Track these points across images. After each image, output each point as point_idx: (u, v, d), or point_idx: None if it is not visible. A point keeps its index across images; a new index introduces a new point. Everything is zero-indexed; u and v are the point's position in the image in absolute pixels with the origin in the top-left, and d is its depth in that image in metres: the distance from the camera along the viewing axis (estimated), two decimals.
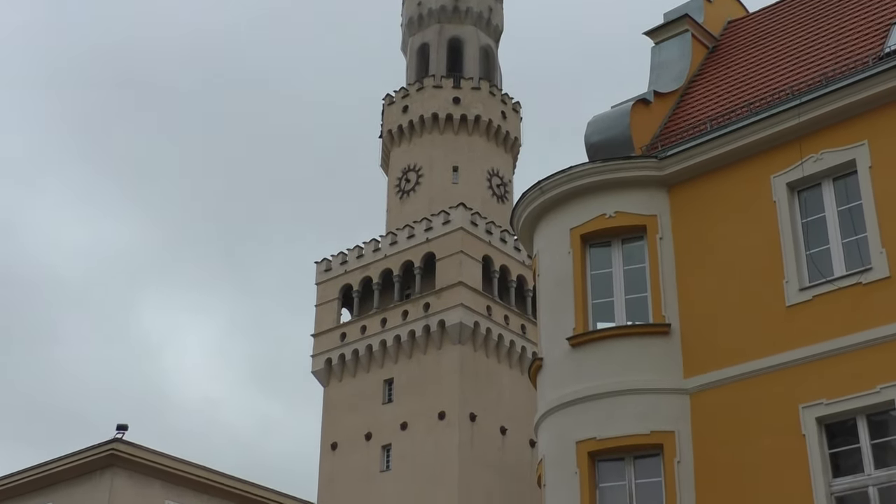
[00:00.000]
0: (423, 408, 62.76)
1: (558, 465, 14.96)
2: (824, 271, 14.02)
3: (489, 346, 64.87)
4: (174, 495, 41.29)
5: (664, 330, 14.97)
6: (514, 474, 61.96)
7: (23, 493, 42.27)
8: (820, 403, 13.46)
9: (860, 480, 13.10)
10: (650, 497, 14.26)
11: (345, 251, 70.40)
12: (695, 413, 14.46)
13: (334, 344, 67.86)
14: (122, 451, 40.06)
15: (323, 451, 65.86)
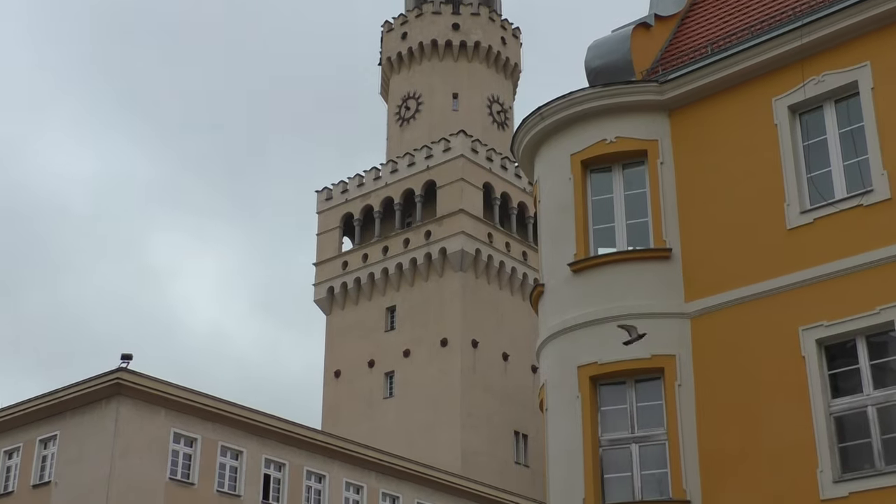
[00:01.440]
0: (425, 335, 63.14)
1: (560, 389, 15.09)
2: (825, 194, 14.02)
3: (490, 273, 65.05)
4: (180, 423, 41.72)
5: (665, 254, 15.01)
6: (515, 399, 62.52)
7: (31, 422, 42.74)
8: (820, 325, 13.55)
9: (859, 400, 13.24)
10: (651, 420, 14.41)
11: (345, 180, 70.34)
12: (695, 337, 14.56)
13: (336, 272, 68.07)
14: (127, 380, 40.41)
15: (326, 379, 66.38)
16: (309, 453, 45.84)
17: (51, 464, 41.51)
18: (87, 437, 40.67)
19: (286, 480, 44.70)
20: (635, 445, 14.32)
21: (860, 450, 13.06)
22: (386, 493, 48.65)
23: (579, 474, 14.37)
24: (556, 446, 15.02)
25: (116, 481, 39.34)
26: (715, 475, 13.77)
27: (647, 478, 14.17)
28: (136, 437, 40.42)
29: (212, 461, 42.35)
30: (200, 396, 42.67)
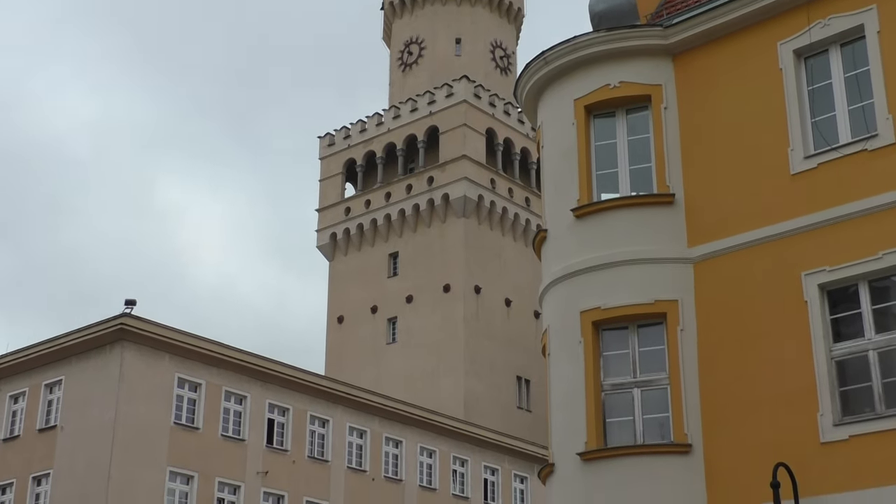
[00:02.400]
0: (428, 281, 63.25)
1: (563, 334, 15.15)
2: (829, 139, 13.97)
3: (493, 219, 65.03)
4: (184, 369, 41.97)
5: (668, 200, 14.99)
6: (518, 345, 62.77)
7: (36, 367, 43.00)
8: (822, 270, 13.57)
9: (860, 345, 13.30)
10: (653, 365, 14.48)
11: (348, 125, 70.07)
12: (698, 282, 14.58)
13: (339, 219, 68.07)
14: (131, 326, 40.59)
15: (329, 325, 66.62)
16: (312, 398, 46.14)
17: (56, 408, 41.82)
18: (92, 382, 40.94)
19: (290, 425, 45.04)
20: (637, 390, 14.40)
21: (861, 394, 13.14)
22: (389, 437, 49.02)
23: (581, 418, 14.47)
24: (559, 391, 15.11)
25: (121, 426, 39.65)
26: (716, 419, 13.86)
27: (648, 422, 14.27)
28: (141, 383, 40.68)
29: (216, 406, 42.65)
30: (204, 342, 42.88)
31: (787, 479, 12.77)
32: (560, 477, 14.71)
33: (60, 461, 40.72)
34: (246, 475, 42.81)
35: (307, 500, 44.80)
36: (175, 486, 40.71)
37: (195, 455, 41.40)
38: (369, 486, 47.38)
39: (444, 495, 50.51)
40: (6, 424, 43.33)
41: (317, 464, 45.69)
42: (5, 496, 42.20)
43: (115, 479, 38.90)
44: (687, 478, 13.78)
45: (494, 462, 53.45)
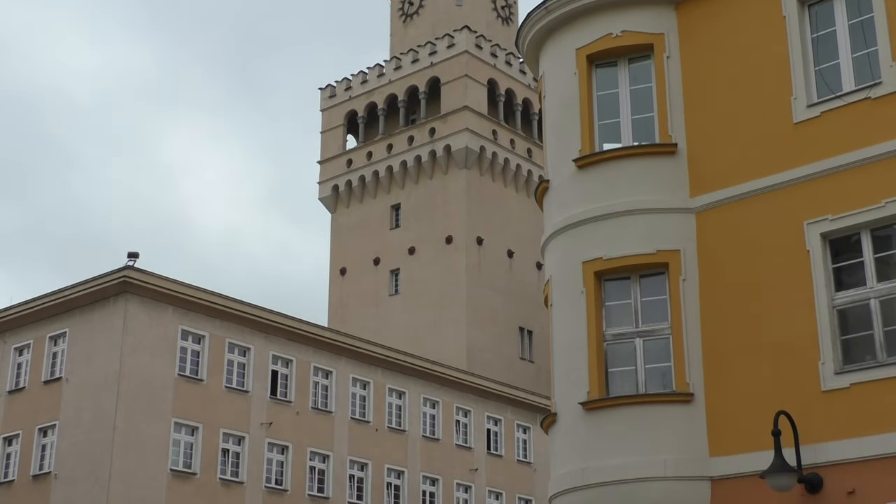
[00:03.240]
0: (430, 232, 63.27)
1: (565, 285, 15.16)
2: (833, 87, 13.89)
3: (495, 170, 64.91)
4: (188, 321, 42.11)
5: (670, 150, 14.95)
6: (520, 296, 62.89)
7: (40, 320, 43.16)
8: (825, 219, 13.55)
9: (862, 293, 13.31)
10: (655, 315, 14.50)
11: (349, 77, 69.73)
12: (700, 232, 14.57)
13: (340, 171, 67.97)
14: (134, 278, 40.68)
15: (332, 277, 66.75)
16: (316, 350, 46.33)
17: (61, 360, 42.04)
18: (96, 334, 41.12)
19: (293, 376, 45.26)
20: (639, 340, 14.44)
21: (862, 342, 13.18)
22: (392, 388, 49.27)
23: (584, 369, 14.52)
24: (561, 341, 15.15)
25: (126, 378, 39.87)
26: (718, 368, 13.92)
27: (651, 371, 14.32)
28: (145, 335, 40.85)
29: (220, 358, 42.85)
30: (207, 294, 43.00)
31: (788, 426, 12.85)
32: (562, 426, 14.79)
33: (66, 413, 40.99)
34: (250, 426, 43.11)
35: (311, 450, 45.13)
36: (180, 437, 41.01)
37: (199, 406, 41.66)
38: (373, 437, 47.70)
39: (447, 445, 50.86)
40: (11, 376, 43.57)
41: (320, 415, 45.96)
42: (12, 447, 42.54)
43: (120, 431, 39.18)
44: (689, 427, 13.86)
45: (497, 412, 53.77)
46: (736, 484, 13.38)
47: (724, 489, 13.49)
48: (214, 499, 41.35)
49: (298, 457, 44.52)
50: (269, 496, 43.30)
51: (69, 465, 40.04)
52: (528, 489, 53.82)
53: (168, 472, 40.22)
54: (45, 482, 40.80)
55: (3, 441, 42.81)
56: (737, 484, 13.37)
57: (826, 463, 12.80)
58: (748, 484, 13.16)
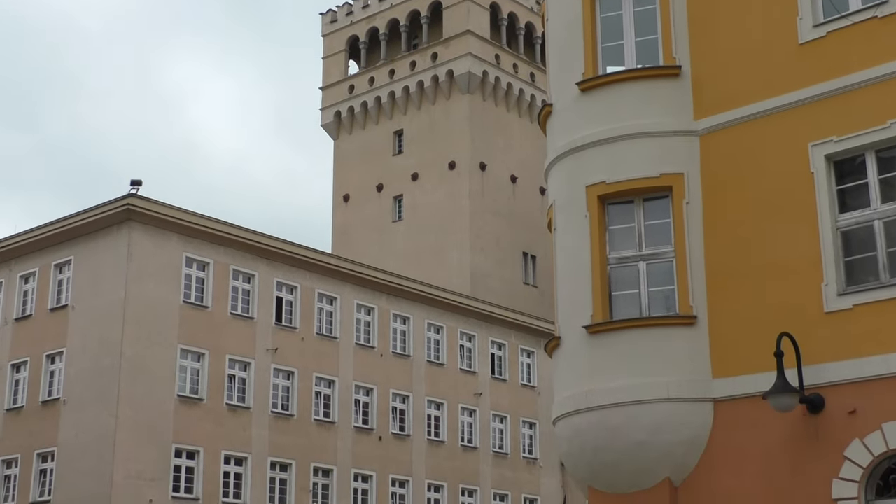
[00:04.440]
0: (433, 158, 63.10)
1: (568, 209, 15.14)
2: (839, 6, 13.74)
3: (498, 95, 64.53)
4: (192, 248, 42.21)
5: (674, 72, 14.84)
6: (524, 221, 62.91)
7: (45, 247, 43.29)
8: (829, 141, 13.49)
9: (866, 215, 13.30)
10: (659, 238, 14.50)
11: (350, 1, 69.03)
12: (704, 154, 14.51)
13: (343, 97, 67.60)
14: (138, 206, 40.72)
15: (335, 203, 66.74)
16: (320, 276, 46.48)
17: (67, 288, 42.25)
18: (101, 262, 41.26)
19: (298, 303, 45.47)
20: (643, 263, 14.45)
21: (865, 263, 13.20)
22: (396, 314, 49.51)
23: (587, 292, 14.55)
24: (565, 265, 15.18)
25: (132, 305, 40.08)
26: (721, 291, 13.96)
27: (654, 294, 14.35)
28: (149, 262, 40.98)
29: (224, 285, 43.03)
30: (211, 221, 43.05)
31: (790, 348, 12.92)
32: (566, 350, 14.88)
33: (73, 340, 41.29)
34: (256, 352, 43.42)
35: (316, 375, 45.50)
36: (186, 364, 41.34)
37: (205, 333, 41.93)
38: (377, 362, 48.05)
39: (451, 370, 51.25)
40: (18, 304, 43.83)
41: (325, 341, 46.25)
42: (20, 374, 42.92)
43: (127, 357, 39.50)
44: (692, 349, 13.94)
45: (501, 337, 54.08)
46: (738, 405, 13.50)
47: (727, 410, 13.61)
48: (221, 424, 41.79)
49: (304, 382, 44.90)
50: (276, 421, 43.75)
51: (77, 391, 40.43)
52: (532, 413, 54.34)
53: (175, 398, 40.61)
54: (53, 408, 41.23)
55: (11, 368, 43.17)
56: (739, 405, 13.49)
57: (827, 383, 12.90)
58: (750, 405, 13.27)
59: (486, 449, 52.08)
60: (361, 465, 46.50)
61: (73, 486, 39.40)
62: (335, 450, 45.57)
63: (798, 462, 12.93)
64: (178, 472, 40.33)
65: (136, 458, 39.00)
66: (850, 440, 12.62)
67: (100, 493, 38.48)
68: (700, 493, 13.57)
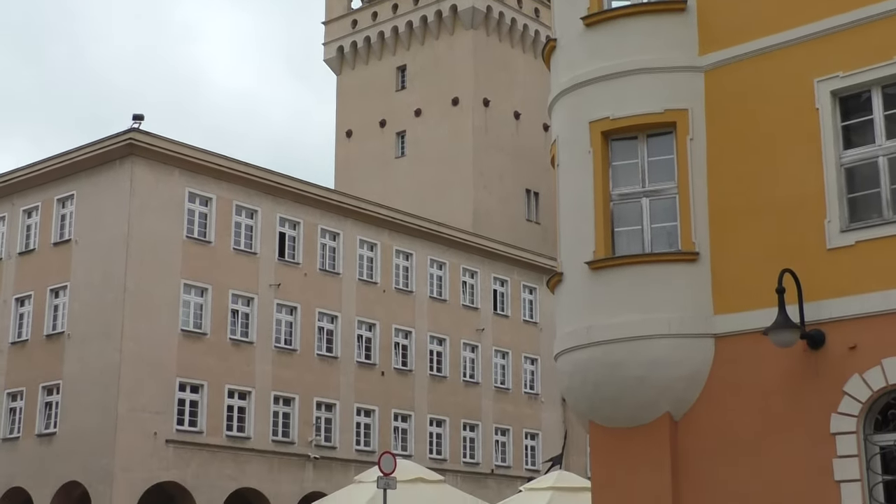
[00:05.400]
0: (436, 94, 62.80)
1: (572, 145, 15.11)
2: None
3: (502, 31, 64.06)
4: (194, 183, 42.22)
5: (680, 6, 14.70)
6: (527, 158, 62.79)
7: (47, 182, 43.29)
8: (836, 76, 13.40)
9: (870, 151, 13.25)
10: (662, 174, 14.46)
11: None
12: (709, 90, 14.43)
13: (345, 31, 67.13)
14: (140, 141, 40.65)
15: (338, 139, 66.57)
16: (323, 212, 46.54)
17: (70, 223, 42.34)
18: (104, 196, 41.30)
19: (301, 238, 45.58)
20: (646, 199, 14.43)
21: (869, 200, 13.17)
22: (399, 250, 49.62)
23: (590, 228, 14.55)
24: (567, 202, 15.16)
25: (135, 239, 40.19)
26: (724, 227, 13.96)
27: (656, 231, 14.35)
28: (152, 197, 41.02)
29: (227, 220, 43.11)
30: (214, 156, 43.01)
31: (792, 284, 12.96)
32: (568, 286, 14.92)
33: (76, 274, 41.45)
34: (259, 287, 43.60)
35: (319, 311, 45.72)
36: (190, 299, 41.53)
37: (208, 268, 42.08)
38: (380, 298, 48.26)
39: (454, 306, 51.47)
40: (21, 238, 43.95)
41: (328, 276, 46.41)
42: (24, 308, 43.15)
43: (130, 292, 39.67)
44: (694, 285, 13.97)
45: (504, 273, 54.24)
46: (739, 341, 13.57)
47: (728, 346, 13.68)
48: (225, 358, 42.09)
49: (307, 317, 45.13)
50: (279, 356, 44.06)
51: (81, 325, 40.67)
52: (534, 348, 54.67)
53: (179, 333, 40.87)
54: (58, 342, 41.51)
55: (16, 302, 43.39)
56: (740, 341, 13.56)
57: (829, 319, 12.95)
58: (751, 340, 13.34)
59: (488, 384, 52.47)
60: (364, 400, 46.88)
61: (78, 418, 39.80)
62: (338, 384, 45.93)
63: (797, 397, 13.03)
64: (182, 405, 40.72)
65: (140, 391, 39.35)
66: (849, 375, 12.70)
67: (105, 426, 38.89)
68: (700, 428, 13.69)
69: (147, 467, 39.26)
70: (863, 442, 12.62)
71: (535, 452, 54.14)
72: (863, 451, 12.58)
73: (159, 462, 39.68)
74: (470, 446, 51.37)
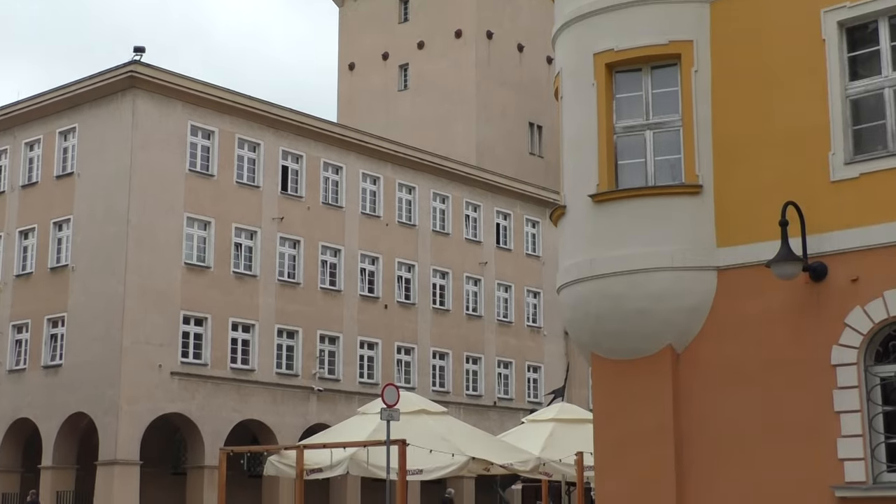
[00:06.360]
0: (439, 26, 62.27)
1: (576, 77, 15.01)
2: None
3: None
4: (197, 116, 42.07)
5: None
6: (531, 91, 62.44)
7: (49, 115, 43.14)
8: (842, 7, 13.26)
9: (877, 82, 13.15)
10: (666, 106, 14.38)
11: None
12: (714, 22, 14.29)
13: None
14: (141, 73, 40.42)
15: (341, 72, 66.15)
16: (326, 145, 46.43)
17: (72, 156, 42.28)
18: (106, 129, 41.19)
19: (303, 172, 45.53)
20: (649, 132, 14.37)
21: (874, 132, 13.10)
22: (402, 183, 49.57)
23: (593, 161, 14.51)
24: (571, 134, 15.10)
25: (137, 173, 40.16)
26: (727, 160, 13.92)
27: (660, 163, 14.30)
28: (154, 130, 40.92)
29: (230, 153, 43.03)
30: (216, 89, 42.80)
31: (795, 217, 12.96)
32: (571, 219, 14.91)
33: (80, 207, 41.50)
34: (262, 221, 43.64)
35: (322, 244, 45.80)
36: (193, 232, 41.60)
37: (211, 201, 42.10)
38: (383, 231, 48.31)
39: (457, 240, 51.54)
40: (24, 171, 43.92)
41: (331, 210, 46.43)
42: (28, 241, 43.26)
43: (133, 225, 39.73)
44: (697, 218, 13.96)
45: (506, 207, 54.25)
46: (742, 273, 13.59)
47: (730, 279, 13.71)
48: (229, 291, 42.26)
49: (310, 251, 45.22)
50: (283, 289, 44.22)
51: (85, 258, 40.79)
52: (537, 282, 54.83)
53: (182, 266, 40.98)
54: (62, 274, 41.66)
55: (19, 234, 43.48)
56: (742, 273, 13.58)
57: (831, 252, 12.96)
58: (754, 273, 13.37)
59: (491, 317, 52.71)
60: (367, 333, 47.14)
61: (83, 350, 40.07)
62: (341, 318, 46.15)
63: (799, 329, 13.08)
64: (186, 338, 40.96)
65: (144, 324, 39.56)
66: (851, 308, 12.75)
67: (110, 358, 39.16)
68: (701, 360, 13.77)
69: (152, 399, 39.60)
70: (863, 373, 12.70)
71: (538, 385, 54.53)
72: (863, 383, 12.67)
73: (164, 394, 40.02)
74: (473, 379, 51.74)
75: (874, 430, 12.60)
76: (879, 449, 12.57)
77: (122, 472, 38.67)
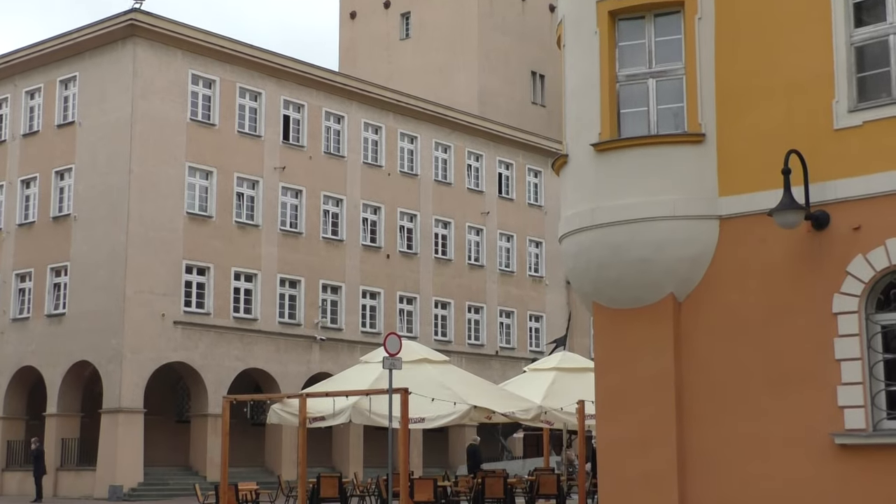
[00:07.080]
0: None
1: (578, 25, 14.90)
2: None
3: None
4: (198, 65, 41.88)
5: None
6: (533, 39, 62.05)
7: (49, 63, 42.95)
8: None
9: (881, 29, 13.04)
10: (669, 55, 14.29)
11: None
12: None
13: None
14: (142, 22, 40.19)
15: (342, 21, 65.73)
16: (327, 95, 46.26)
17: (73, 104, 42.14)
18: (107, 78, 41.02)
19: (305, 121, 45.39)
20: (652, 80, 14.29)
21: (878, 79, 13.00)
22: (404, 133, 49.44)
23: (596, 110, 14.44)
24: (574, 83, 15.02)
25: (139, 122, 40.06)
26: (730, 108, 13.85)
27: (663, 112, 14.23)
28: (155, 79, 40.74)
29: (231, 103, 42.88)
30: (217, 38, 42.58)
31: (798, 165, 12.93)
32: (573, 168, 14.87)
33: (81, 156, 41.44)
34: (264, 170, 43.58)
35: (324, 194, 45.78)
36: (195, 181, 41.57)
37: (213, 151, 42.02)
38: (385, 181, 48.25)
39: (459, 189, 51.49)
40: (25, 120, 43.82)
41: (333, 159, 46.35)
42: (30, 189, 43.25)
43: (135, 174, 39.70)
44: (699, 167, 13.91)
45: (509, 156, 54.13)
46: (744, 222, 13.57)
47: (732, 228, 13.69)
48: (231, 241, 42.30)
49: (312, 200, 45.21)
50: (285, 238, 44.26)
51: (87, 207, 40.80)
52: (539, 231, 54.84)
53: (184, 215, 41.00)
54: (65, 223, 41.69)
55: (21, 183, 43.46)
56: (745, 222, 13.56)
57: (834, 200, 12.93)
58: (756, 222, 13.35)
59: (493, 267, 52.79)
60: (369, 283, 47.24)
61: (86, 299, 40.19)
62: (343, 267, 46.23)
63: (800, 278, 13.09)
64: (189, 287, 41.06)
65: (147, 273, 39.65)
66: (853, 256, 12.75)
67: (113, 307, 39.29)
68: (703, 308, 13.80)
69: (155, 348, 39.78)
70: (864, 321, 12.73)
71: (539, 334, 54.72)
72: (864, 331, 12.70)
73: (167, 343, 40.19)
74: (475, 328, 51.91)
75: (874, 378, 12.65)
76: (880, 396, 12.63)
77: (127, 420, 38.95)
